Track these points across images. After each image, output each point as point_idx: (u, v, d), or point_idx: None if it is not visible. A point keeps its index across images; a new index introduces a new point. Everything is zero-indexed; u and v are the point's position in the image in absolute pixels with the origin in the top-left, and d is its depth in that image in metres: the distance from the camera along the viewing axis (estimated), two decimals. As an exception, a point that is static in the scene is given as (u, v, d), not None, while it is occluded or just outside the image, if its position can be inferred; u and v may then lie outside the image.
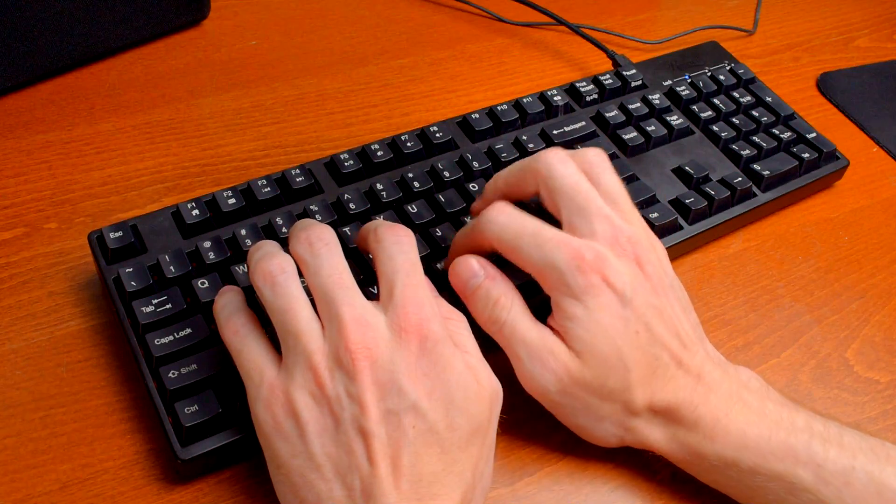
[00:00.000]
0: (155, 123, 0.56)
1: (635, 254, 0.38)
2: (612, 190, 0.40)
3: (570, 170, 0.39)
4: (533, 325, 0.38)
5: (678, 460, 0.39)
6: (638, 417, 0.38)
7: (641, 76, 0.58)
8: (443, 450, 0.32)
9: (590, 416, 0.38)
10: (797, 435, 0.37)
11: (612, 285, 0.36)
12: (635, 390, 0.37)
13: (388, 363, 0.32)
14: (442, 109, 0.60)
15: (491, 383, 0.35)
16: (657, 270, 0.39)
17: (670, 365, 0.38)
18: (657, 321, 0.38)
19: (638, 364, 0.37)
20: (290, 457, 0.32)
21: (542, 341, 0.37)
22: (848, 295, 0.51)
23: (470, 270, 0.38)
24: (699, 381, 0.38)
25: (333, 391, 0.32)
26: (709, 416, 0.37)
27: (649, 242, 0.39)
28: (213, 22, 0.65)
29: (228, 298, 0.37)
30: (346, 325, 0.32)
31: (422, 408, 0.32)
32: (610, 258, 0.37)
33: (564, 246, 0.37)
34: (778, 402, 0.38)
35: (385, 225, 0.36)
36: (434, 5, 0.70)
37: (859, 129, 0.63)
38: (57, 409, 0.40)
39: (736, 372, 0.39)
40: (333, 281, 0.33)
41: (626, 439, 0.39)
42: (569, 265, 0.36)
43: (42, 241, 0.47)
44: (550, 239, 0.37)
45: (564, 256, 0.36)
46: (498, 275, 0.39)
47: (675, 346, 0.38)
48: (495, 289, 0.38)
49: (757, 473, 0.37)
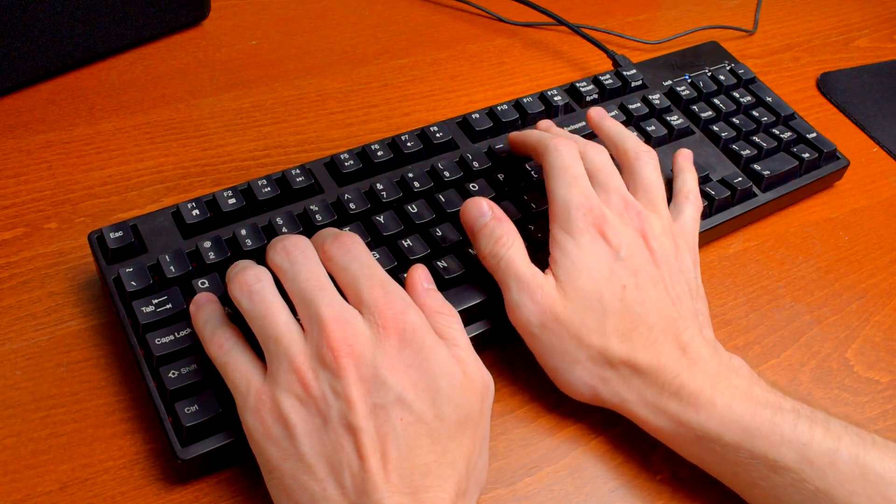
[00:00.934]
0: (155, 123, 0.56)
1: (641, 228, 0.41)
2: (647, 182, 0.43)
3: (604, 158, 0.44)
4: (527, 263, 0.40)
5: (657, 430, 0.39)
6: (614, 370, 0.39)
7: (641, 76, 0.58)
8: (433, 440, 0.33)
9: (565, 357, 0.39)
10: (784, 414, 0.37)
11: (606, 239, 0.40)
12: (611, 338, 0.38)
13: (370, 358, 0.32)
14: (442, 109, 0.60)
15: (481, 375, 0.35)
16: (665, 251, 0.41)
17: (654, 329, 0.39)
18: (649, 286, 0.39)
19: (617, 314, 0.39)
20: (281, 460, 0.33)
21: (533, 276, 0.40)
22: (848, 295, 0.51)
23: (479, 210, 0.41)
24: (684, 353, 0.39)
25: (319, 390, 0.32)
26: (692, 384, 0.38)
27: (666, 231, 0.42)
28: (213, 22, 0.65)
29: (208, 312, 0.37)
30: (327, 324, 0.32)
31: (407, 399, 0.32)
32: (613, 219, 0.41)
33: (583, 193, 0.41)
34: (766, 388, 0.39)
35: (328, 239, 0.36)
36: (434, 5, 0.70)
37: (859, 129, 0.63)
38: (57, 409, 0.40)
39: (729, 357, 0.40)
40: (312, 285, 0.34)
41: (600, 392, 0.39)
42: (578, 207, 0.40)
43: (42, 241, 0.47)
44: (579, 185, 0.41)
45: (578, 201, 0.41)
46: (504, 217, 0.41)
47: (666, 314, 0.39)
48: (499, 228, 0.41)
49: (740, 449, 0.37)
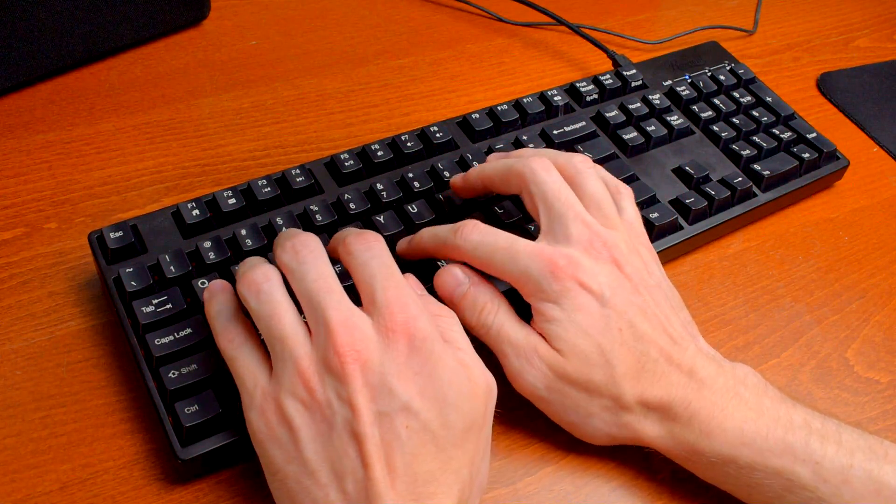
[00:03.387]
0: (155, 123, 0.56)
1: (612, 256, 0.39)
2: (596, 196, 0.41)
3: (553, 177, 0.40)
4: (519, 326, 0.39)
5: (676, 457, 0.39)
6: (630, 413, 0.38)
7: (641, 76, 0.58)
8: (438, 448, 0.32)
9: (579, 411, 0.39)
10: (795, 432, 0.37)
11: (587, 287, 0.38)
12: (622, 385, 0.38)
13: (377, 365, 0.32)
14: (442, 109, 0.60)
15: (485, 378, 0.35)
16: (638, 270, 0.39)
17: (659, 361, 0.38)
18: (641, 318, 0.38)
19: (623, 360, 0.38)
20: (284, 463, 0.32)
21: (528, 340, 0.38)
22: (848, 295, 0.51)
23: (455, 280, 0.40)
24: (692, 377, 0.38)
25: (324, 396, 0.32)
26: (703, 412, 0.37)
27: (630, 245, 0.40)
28: (213, 22, 0.65)
29: (221, 303, 0.37)
30: (334, 329, 0.32)
31: (414, 407, 0.32)
32: (584, 262, 0.38)
33: (537, 255, 0.38)
34: (775, 399, 0.38)
35: (353, 234, 0.36)
36: (434, 5, 0.70)
37: (859, 129, 0.63)
38: (57, 409, 0.40)
39: (732, 368, 0.39)
40: (319, 286, 0.33)
41: (619, 436, 0.39)
42: (542, 273, 0.38)
43: (42, 241, 0.47)
44: (523, 250, 0.38)
45: (538, 265, 0.38)
46: (482, 281, 0.40)
47: (664, 342, 0.38)
48: (481, 295, 0.39)
49: (755, 470, 0.37)
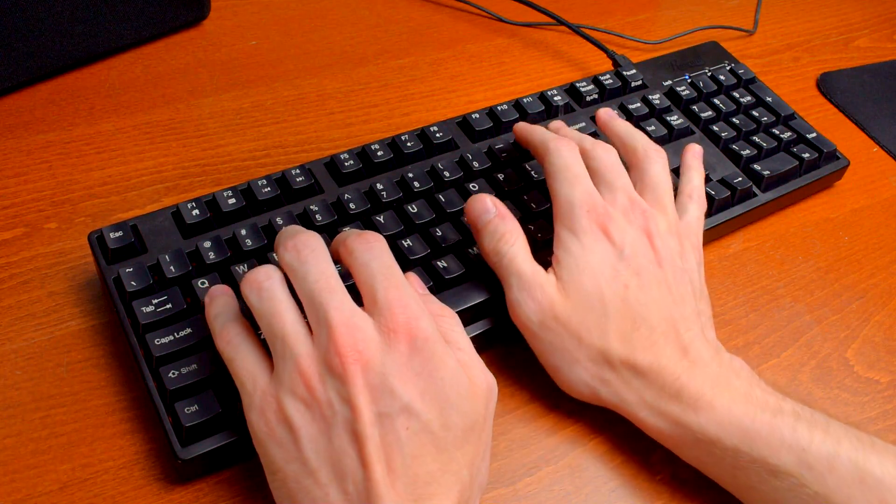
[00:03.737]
0: (155, 123, 0.56)
1: (646, 227, 0.41)
2: (654, 180, 0.43)
3: (599, 153, 0.43)
4: (529, 261, 0.40)
5: (657, 431, 0.39)
6: (614, 371, 0.39)
7: (641, 76, 0.58)
8: (438, 449, 0.32)
9: (565, 356, 0.39)
10: (783, 417, 0.37)
11: (610, 236, 0.40)
12: (612, 339, 0.38)
13: (378, 365, 0.32)
14: (442, 109, 0.60)
15: (486, 379, 0.35)
16: (669, 251, 0.41)
17: (655, 331, 0.38)
18: (653, 286, 0.39)
19: (618, 314, 0.38)
20: (284, 463, 0.32)
21: (534, 275, 0.40)
22: (848, 295, 0.51)
23: (483, 206, 0.42)
24: (685, 355, 0.38)
25: (324, 396, 0.32)
26: (692, 386, 0.38)
27: (671, 229, 0.42)
28: (213, 22, 0.65)
29: (221, 306, 0.37)
30: (335, 329, 0.32)
31: (415, 408, 0.32)
32: (617, 217, 0.40)
33: (588, 194, 0.41)
34: (766, 390, 0.39)
35: (353, 234, 0.36)
36: (434, 5, 0.70)
37: (859, 129, 0.63)
38: (57, 409, 0.40)
39: (730, 359, 0.40)
40: (321, 286, 0.33)
41: (599, 393, 0.39)
42: (581, 205, 0.40)
43: (42, 241, 0.47)
44: (581, 184, 0.41)
45: (582, 199, 0.41)
46: (508, 214, 0.42)
47: (666, 316, 0.39)
48: (503, 225, 0.41)
49: (740, 453, 0.37)
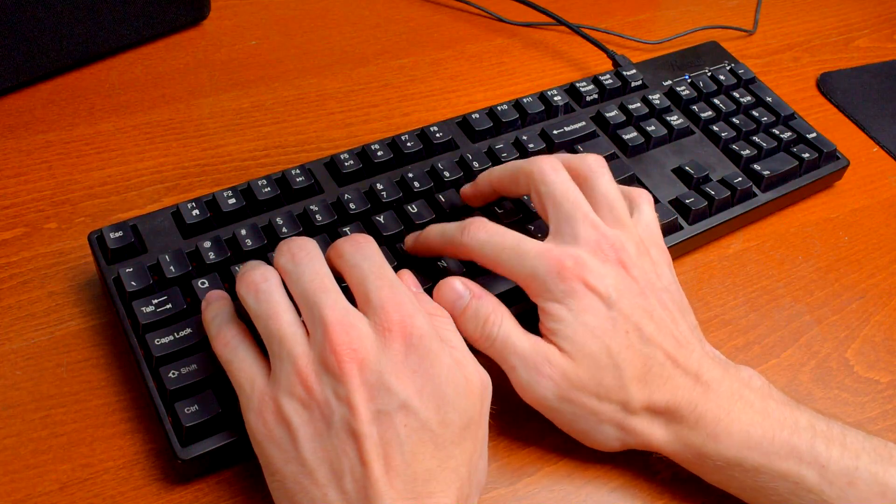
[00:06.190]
0: (155, 123, 0.56)
1: (619, 258, 0.38)
2: (608, 196, 0.40)
3: (562, 177, 0.40)
4: (524, 336, 0.38)
5: (683, 460, 0.39)
6: (636, 417, 0.38)
7: (641, 76, 0.58)
8: (436, 446, 0.32)
9: (589, 419, 0.38)
10: (800, 434, 0.37)
11: (594, 289, 0.37)
12: (630, 388, 0.37)
13: (374, 363, 0.32)
14: (442, 109, 0.60)
15: (480, 376, 0.35)
16: (645, 274, 0.39)
17: (666, 364, 0.38)
18: (647, 321, 0.38)
19: (630, 363, 0.37)
20: (283, 463, 0.32)
21: (536, 349, 0.37)
22: (848, 295, 0.51)
23: (455, 293, 0.39)
24: (697, 381, 0.38)
25: (322, 395, 0.32)
26: (710, 415, 0.37)
27: (639, 247, 0.40)
28: (213, 22, 0.65)
29: (217, 309, 0.37)
30: (331, 328, 0.32)
31: (412, 406, 0.32)
32: (591, 263, 0.38)
33: (544, 255, 0.38)
34: (780, 402, 0.38)
35: (343, 238, 0.37)
36: (434, 5, 0.70)
37: (859, 129, 0.63)
38: (57, 409, 0.40)
39: (737, 370, 0.39)
40: (315, 286, 0.34)
41: (627, 441, 0.39)
42: (549, 273, 0.37)
43: (42, 241, 0.47)
44: (530, 250, 0.38)
45: (545, 265, 0.37)
46: (483, 293, 0.39)
47: (670, 345, 0.38)
48: (483, 307, 0.38)
49: (761, 473, 0.37)
